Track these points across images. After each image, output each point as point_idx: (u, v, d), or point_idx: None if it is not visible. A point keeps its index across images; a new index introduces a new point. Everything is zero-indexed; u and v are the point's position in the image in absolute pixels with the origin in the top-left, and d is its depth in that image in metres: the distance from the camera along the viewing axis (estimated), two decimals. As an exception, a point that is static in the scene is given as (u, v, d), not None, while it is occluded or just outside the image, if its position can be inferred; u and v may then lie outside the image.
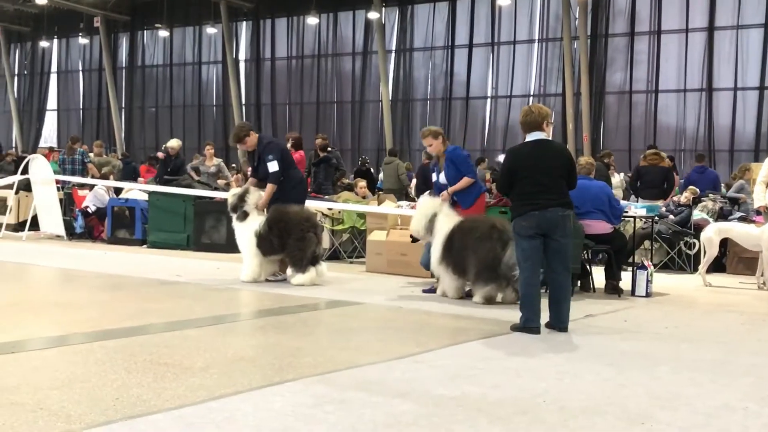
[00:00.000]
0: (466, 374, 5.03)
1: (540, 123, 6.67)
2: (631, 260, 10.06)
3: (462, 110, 29.45)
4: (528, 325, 6.47)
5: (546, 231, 6.49)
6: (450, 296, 8.31)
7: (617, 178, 16.89)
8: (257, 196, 9.40)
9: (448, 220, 8.42)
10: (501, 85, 28.80)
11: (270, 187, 9.38)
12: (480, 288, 8.00)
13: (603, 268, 9.59)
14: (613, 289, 9.18)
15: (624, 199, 15.01)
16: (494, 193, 11.40)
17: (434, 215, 8.49)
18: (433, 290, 8.62)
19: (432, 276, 8.86)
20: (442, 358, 5.50)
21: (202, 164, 15.22)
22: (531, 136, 6.69)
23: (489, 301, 7.96)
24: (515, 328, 6.57)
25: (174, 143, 15.72)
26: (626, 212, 10.04)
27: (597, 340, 6.43)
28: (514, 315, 6.98)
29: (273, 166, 9.39)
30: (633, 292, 9.06)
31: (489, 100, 29.17)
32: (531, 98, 28.29)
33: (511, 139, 28.53)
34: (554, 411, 4.22)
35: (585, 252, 9.19)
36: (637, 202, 12.94)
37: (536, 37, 27.98)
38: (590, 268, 9.43)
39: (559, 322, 6.58)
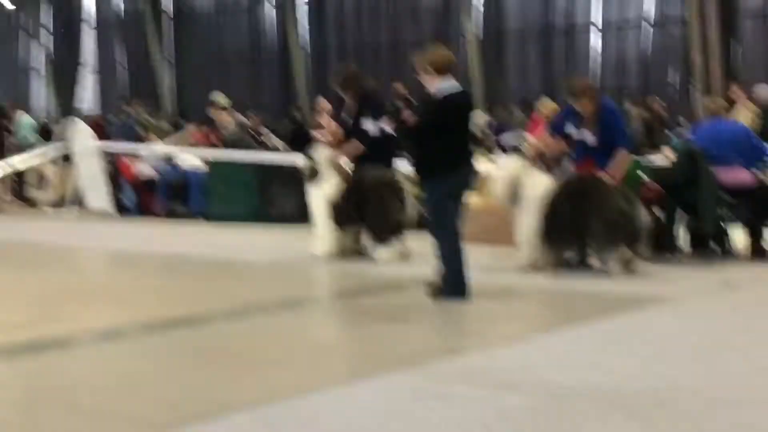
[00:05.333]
0: (589, 360, 4.97)
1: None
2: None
3: (562, 44, 28.86)
4: (463, 288, 6.69)
5: (465, 190, 6.98)
6: (541, 270, 8.09)
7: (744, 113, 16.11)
8: (327, 151, 9.38)
9: (539, 182, 8.23)
10: (611, 10, 28.08)
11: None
12: (610, 252, 7.88)
13: (744, 226, 9.32)
14: (757, 252, 8.95)
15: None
16: None
17: (518, 180, 8.27)
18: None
19: None
20: (558, 342, 5.46)
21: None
22: (449, 82, 6.80)
23: (627, 265, 7.79)
24: (439, 292, 6.69)
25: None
26: None
27: (737, 315, 6.33)
28: (644, 288, 6.87)
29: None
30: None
31: (594, 30, 28.50)
32: (649, 26, 27.50)
33: (627, 78, 27.79)
34: (695, 402, 4.16)
35: (721, 207, 8.93)
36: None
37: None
38: (727, 227, 9.20)
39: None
